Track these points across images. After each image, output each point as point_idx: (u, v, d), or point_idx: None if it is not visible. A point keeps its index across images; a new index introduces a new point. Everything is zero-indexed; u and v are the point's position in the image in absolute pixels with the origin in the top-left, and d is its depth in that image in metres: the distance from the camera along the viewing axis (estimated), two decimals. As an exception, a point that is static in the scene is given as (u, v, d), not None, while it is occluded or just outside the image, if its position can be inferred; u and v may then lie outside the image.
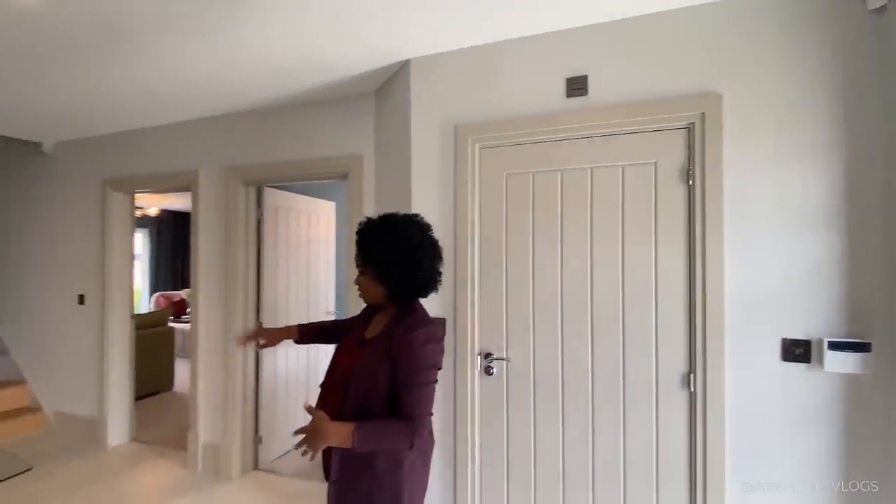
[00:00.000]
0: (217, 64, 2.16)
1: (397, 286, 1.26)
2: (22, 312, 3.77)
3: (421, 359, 1.21)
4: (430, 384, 1.23)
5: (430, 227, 1.32)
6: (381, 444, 1.17)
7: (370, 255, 1.27)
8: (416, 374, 1.20)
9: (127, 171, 3.27)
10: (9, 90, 2.48)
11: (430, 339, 1.24)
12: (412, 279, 1.25)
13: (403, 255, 1.24)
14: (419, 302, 1.33)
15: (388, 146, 2.36)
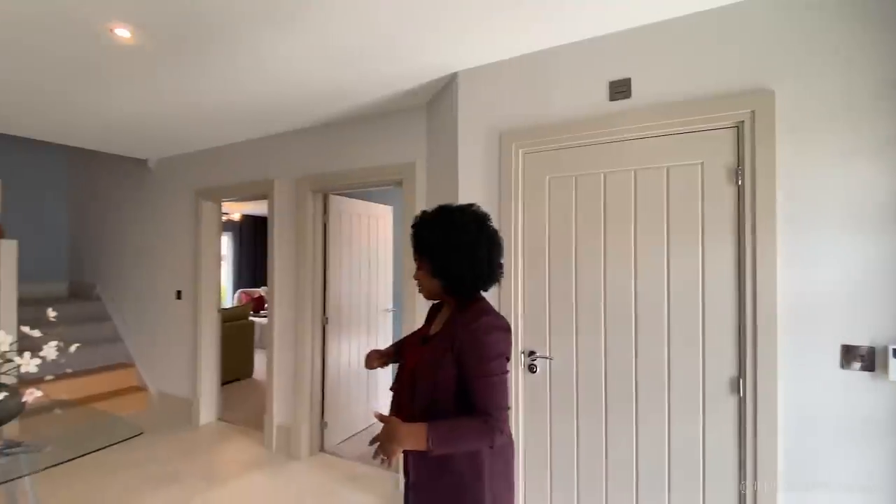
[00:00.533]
0: (289, 86, 2.43)
1: (453, 278, 1.20)
2: (132, 306, 4.41)
3: (487, 348, 1.13)
4: (500, 375, 1.14)
5: (487, 217, 1.25)
6: (458, 443, 1.10)
7: (425, 247, 1.23)
8: (483, 364, 1.12)
9: (214, 182, 3.72)
10: (126, 118, 2.95)
11: (495, 328, 1.16)
12: (468, 270, 1.18)
13: (458, 246, 1.18)
14: (481, 294, 1.26)
15: (438, 154, 2.50)
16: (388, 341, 3.79)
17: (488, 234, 1.23)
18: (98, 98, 2.60)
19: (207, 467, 3.00)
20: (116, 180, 4.57)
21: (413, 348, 1.32)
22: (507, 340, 1.19)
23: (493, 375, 1.12)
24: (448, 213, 1.24)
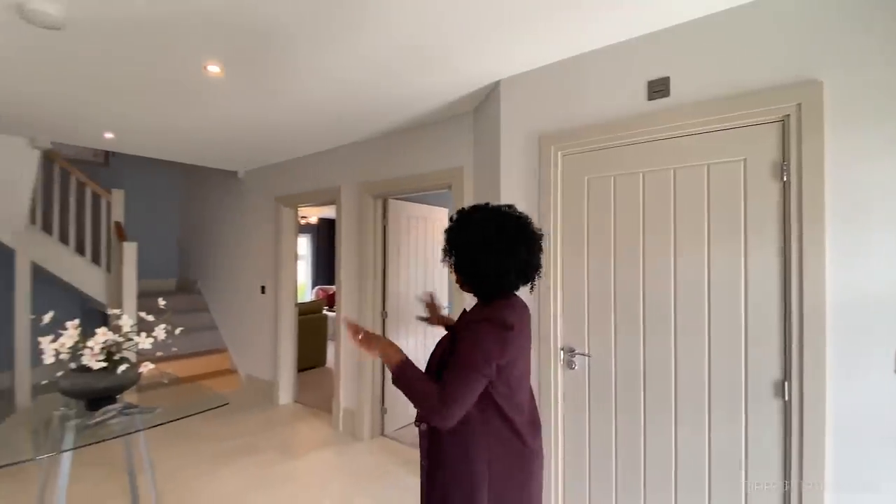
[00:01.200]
0: (350, 102, 2.70)
1: (471, 277, 1.23)
2: (225, 299, 5.06)
3: (468, 341, 1.17)
4: (468, 369, 1.14)
5: (513, 218, 1.24)
6: (411, 390, 1.17)
7: (451, 247, 1.27)
8: (460, 354, 1.16)
9: (291, 190, 4.17)
10: (219, 136, 3.45)
11: (483, 328, 1.17)
12: (485, 269, 1.20)
13: (475, 246, 1.20)
14: (509, 295, 1.26)
15: (483, 158, 2.63)
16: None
17: (512, 234, 1.21)
18: (197, 121, 3.08)
19: (284, 442, 3.40)
20: (213, 190, 5.27)
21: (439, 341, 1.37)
22: (500, 340, 1.16)
23: (467, 368, 1.14)
24: (468, 214, 1.27)
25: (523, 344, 1.25)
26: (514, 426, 1.22)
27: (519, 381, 1.24)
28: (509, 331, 1.16)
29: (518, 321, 1.20)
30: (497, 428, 1.20)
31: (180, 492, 2.63)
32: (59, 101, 2.69)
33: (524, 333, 1.26)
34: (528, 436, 1.24)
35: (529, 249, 1.23)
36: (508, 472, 1.21)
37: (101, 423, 1.83)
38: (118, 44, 1.97)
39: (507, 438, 1.21)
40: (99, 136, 3.45)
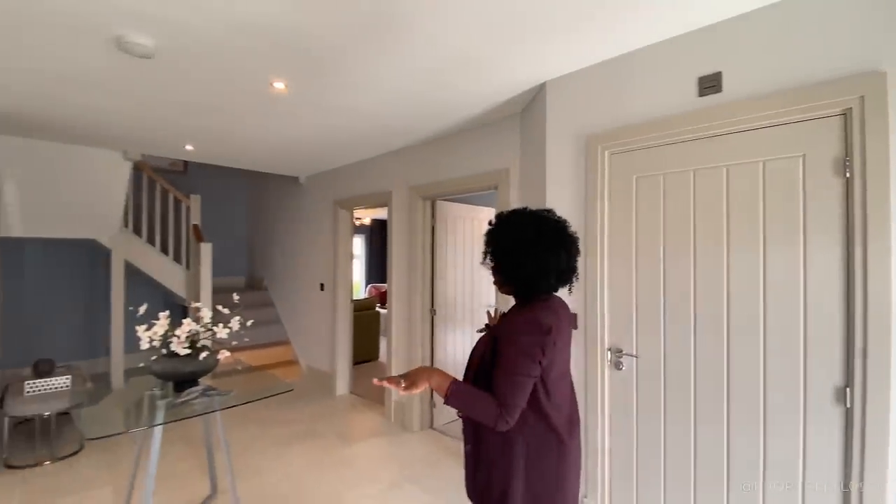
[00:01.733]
0: (400, 108, 2.83)
1: (509, 278, 1.28)
2: (288, 295, 5.43)
3: (511, 345, 1.20)
4: (518, 374, 1.18)
5: (551, 222, 1.27)
6: (468, 408, 1.21)
7: (490, 249, 1.31)
8: (505, 358, 1.20)
9: (347, 193, 4.41)
10: (283, 145, 3.73)
11: (524, 331, 1.20)
12: (523, 271, 1.24)
13: (512, 248, 1.25)
14: (548, 296, 1.29)
15: (529, 159, 2.66)
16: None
17: (549, 238, 1.24)
18: (263, 133, 3.36)
19: (341, 429, 3.62)
20: (277, 195, 5.67)
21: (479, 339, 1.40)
22: (541, 342, 1.19)
23: (512, 373, 1.18)
24: (506, 217, 1.31)
25: (561, 344, 1.28)
26: (551, 423, 1.26)
27: (556, 381, 1.28)
28: (547, 334, 1.20)
29: (555, 322, 1.23)
30: (533, 425, 1.24)
31: (250, 469, 2.90)
32: (148, 119, 3.05)
33: (562, 333, 1.28)
34: (564, 433, 1.28)
35: (567, 252, 1.26)
36: (544, 469, 1.25)
37: (185, 402, 2.09)
38: (198, 68, 2.22)
39: (544, 435, 1.25)
40: (180, 148, 3.86)
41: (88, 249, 4.91)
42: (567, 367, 1.36)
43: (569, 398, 1.36)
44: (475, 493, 1.33)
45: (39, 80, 2.38)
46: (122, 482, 2.72)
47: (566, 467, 1.28)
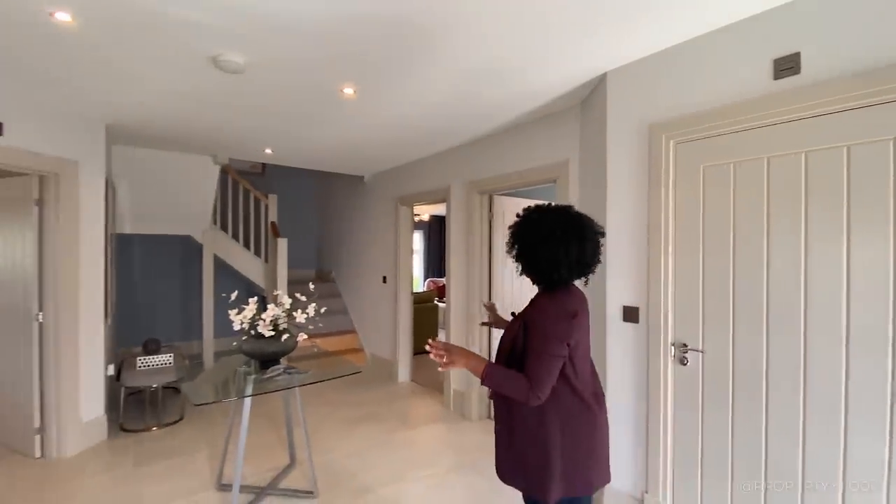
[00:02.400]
0: (459, 106, 2.93)
1: (532, 268, 1.39)
2: (353, 286, 5.76)
3: (540, 329, 1.31)
4: (547, 354, 1.29)
5: (565, 216, 1.37)
6: (502, 386, 1.33)
7: (514, 241, 1.43)
8: (535, 341, 1.31)
9: (408, 190, 4.59)
10: (348, 146, 3.98)
11: (552, 316, 1.32)
12: (538, 263, 1.36)
13: (530, 242, 1.37)
14: (568, 285, 1.40)
15: (589, 151, 2.65)
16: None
17: (568, 233, 1.34)
18: (333, 135, 3.61)
19: (402, 413, 3.82)
20: (344, 193, 6.02)
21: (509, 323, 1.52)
22: (568, 326, 1.31)
23: (545, 354, 1.30)
24: (527, 214, 1.42)
25: (584, 326, 1.41)
26: (583, 398, 1.39)
27: (583, 359, 1.41)
28: (574, 318, 1.33)
29: (580, 307, 1.37)
30: (567, 400, 1.37)
31: (322, 445, 3.16)
32: (235, 127, 3.40)
33: (584, 317, 1.41)
34: (594, 405, 1.41)
35: (580, 245, 1.35)
36: (578, 438, 1.37)
37: (270, 378, 2.35)
38: (279, 80, 2.46)
39: (577, 408, 1.38)
40: (261, 152, 4.24)
41: (184, 244, 5.53)
42: (588, 347, 1.47)
43: (591, 374, 1.48)
44: (509, 468, 1.45)
45: (147, 98, 2.75)
46: (217, 448, 3.08)
47: (598, 436, 1.41)
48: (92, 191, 3.15)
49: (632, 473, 2.22)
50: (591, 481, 1.39)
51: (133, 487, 2.62)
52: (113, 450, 3.09)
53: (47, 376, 2.95)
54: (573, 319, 1.32)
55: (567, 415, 1.36)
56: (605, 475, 1.44)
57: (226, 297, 2.63)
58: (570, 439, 1.36)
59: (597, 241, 1.40)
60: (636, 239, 2.21)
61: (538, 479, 1.36)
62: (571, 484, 1.36)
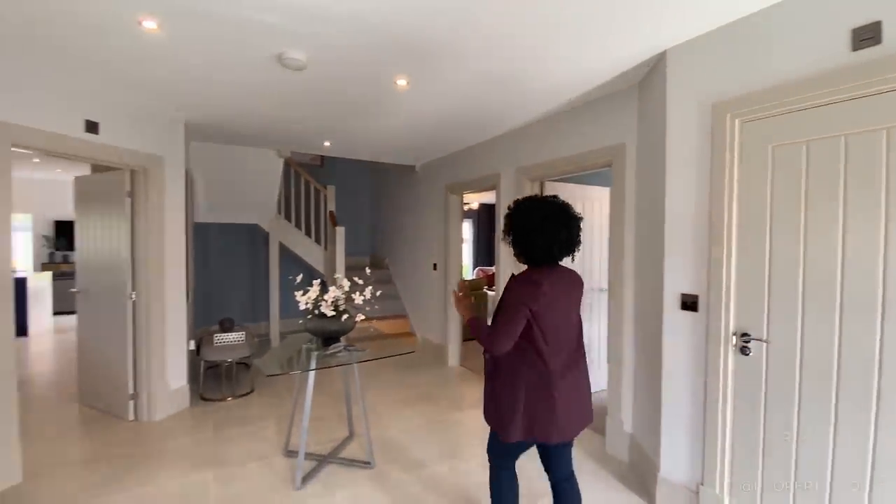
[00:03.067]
0: (509, 92, 2.93)
1: (523, 250, 1.66)
2: (405, 273, 5.94)
3: (508, 291, 1.62)
4: (506, 310, 1.58)
5: (553, 207, 1.63)
6: (477, 333, 1.66)
7: (510, 227, 1.68)
8: (502, 300, 1.63)
9: (458, 179, 4.65)
10: (400, 136, 4.09)
11: (519, 283, 1.61)
12: (527, 247, 1.63)
13: (523, 229, 1.63)
14: (553, 265, 1.66)
15: (647, 133, 2.56)
16: (602, 321, 3.96)
17: (551, 224, 1.59)
18: (387, 126, 3.73)
19: (453, 396, 3.93)
20: (396, 182, 6.19)
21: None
22: (530, 292, 1.56)
23: (506, 310, 1.59)
24: (518, 206, 1.69)
25: (554, 300, 1.60)
26: (547, 365, 1.60)
27: (554, 330, 1.61)
28: (538, 286, 1.57)
29: (548, 281, 1.59)
30: (534, 363, 1.61)
31: (377, 422, 3.34)
32: (297, 121, 3.61)
33: (557, 292, 1.62)
34: (557, 372, 1.62)
35: (568, 230, 1.61)
36: (538, 396, 1.61)
37: (331, 355, 2.52)
38: (338, 74, 2.58)
39: (539, 372, 1.61)
40: (320, 145, 4.47)
41: (252, 233, 5.96)
42: (568, 321, 1.69)
43: (571, 347, 1.70)
44: (488, 409, 1.75)
45: (219, 96, 3.00)
46: (284, 419, 3.36)
47: (559, 398, 1.61)
48: (174, 183, 3.49)
49: (687, 464, 2.18)
50: (549, 434, 1.61)
51: (213, 449, 2.93)
52: (195, 416, 3.46)
53: (139, 349, 3.34)
54: (536, 287, 1.56)
55: (532, 375, 1.61)
56: (566, 433, 1.64)
57: (292, 279, 2.84)
58: (532, 395, 1.61)
59: (578, 226, 1.66)
60: (697, 224, 2.13)
61: (504, 421, 1.66)
62: (529, 431, 1.62)
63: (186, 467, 2.68)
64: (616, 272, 2.87)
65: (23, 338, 5.81)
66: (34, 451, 2.78)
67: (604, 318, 3.97)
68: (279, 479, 2.56)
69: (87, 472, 2.61)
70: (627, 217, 2.79)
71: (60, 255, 8.58)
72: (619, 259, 2.84)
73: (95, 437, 3.07)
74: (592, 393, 1.79)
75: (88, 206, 3.59)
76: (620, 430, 2.81)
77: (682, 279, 2.20)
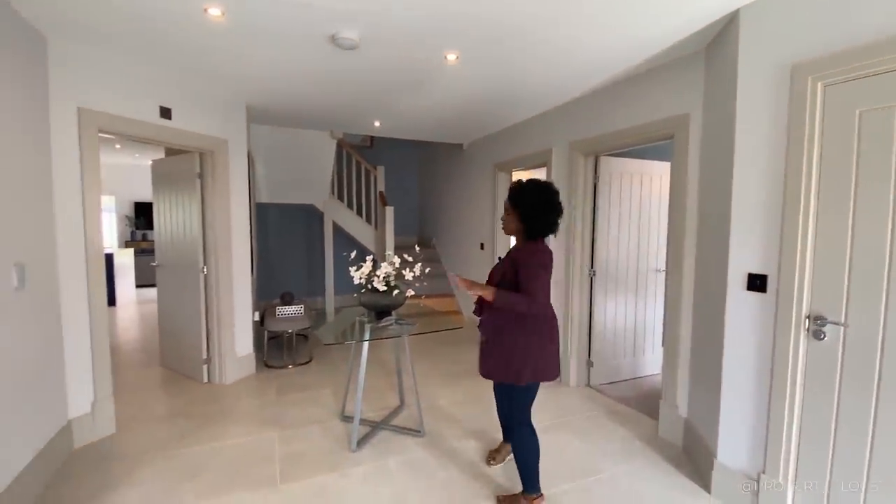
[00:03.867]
0: (572, 63, 2.82)
1: (529, 227, 1.98)
2: (452, 252, 5.99)
3: (533, 262, 1.91)
4: (539, 278, 1.89)
5: (553, 192, 1.99)
6: (509, 301, 1.89)
7: (519, 203, 1.99)
8: (531, 270, 1.89)
9: (507, 156, 4.58)
10: (447, 113, 4.07)
11: (539, 253, 1.94)
12: (538, 224, 1.97)
13: (532, 208, 1.95)
14: (542, 239, 2.00)
15: (715, 101, 2.38)
16: (658, 303, 3.81)
17: (556, 206, 1.98)
18: (436, 104, 3.73)
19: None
20: (444, 162, 6.20)
21: (495, 266, 2.14)
22: (548, 260, 1.95)
23: (538, 277, 1.90)
24: (537, 186, 1.99)
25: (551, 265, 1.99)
26: (547, 314, 2.02)
27: (546, 287, 1.96)
28: (550, 256, 1.97)
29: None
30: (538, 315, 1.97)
31: (427, 393, 3.45)
32: (348, 102, 3.69)
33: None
34: (552, 320, 2.05)
35: (559, 213, 2.00)
36: (543, 340, 2.00)
37: (384, 327, 2.62)
38: (389, 52, 2.60)
39: (543, 320, 2.00)
40: (370, 125, 4.55)
41: (308, 212, 6.23)
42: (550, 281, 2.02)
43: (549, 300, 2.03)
44: (494, 367, 2.05)
45: (277, 79, 3.12)
46: (340, 386, 3.56)
47: (556, 340, 2.06)
48: (238, 165, 3.71)
49: (747, 451, 2.08)
50: (548, 374, 2.01)
51: (277, 410, 3.17)
52: (260, 380, 3.74)
53: (211, 318, 3.63)
54: (550, 256, 1.97)
55: (540, 325, 1.99)
56: (555, 372, 2.05)
57: (346, 255, 2.97)
58: (538, 340, 1.98)
59: (562, 208, 2.02)
60: (769, 199, 1.98)
61: (516, 370, 1.97)
62: (536, 373, 1.98)
63: (254, 426, 2.92)
64: (676, 251, 2.74)
65: (112, 307, 6.49)
66: (125, 407, 3.14)
67: (659, 301, 3.82)
68: (336, 441, 2.73)
69: (169, 426, 2.92)
70: (690, 192, 2.63)
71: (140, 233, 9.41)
72: (679, 237, 2.71)
73: (175, 396, 3.41)
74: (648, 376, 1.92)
75: (164, 187, 3.90)
76: (675, 415, 2.73)
77: (749, 258, 2.07)
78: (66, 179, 2.50)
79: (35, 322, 2.24)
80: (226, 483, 2.30)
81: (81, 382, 2.63)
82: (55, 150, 2.45)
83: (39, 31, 2.33)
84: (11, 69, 2.08)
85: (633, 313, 3.79)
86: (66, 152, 2.49)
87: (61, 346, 2.51)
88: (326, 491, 2.25)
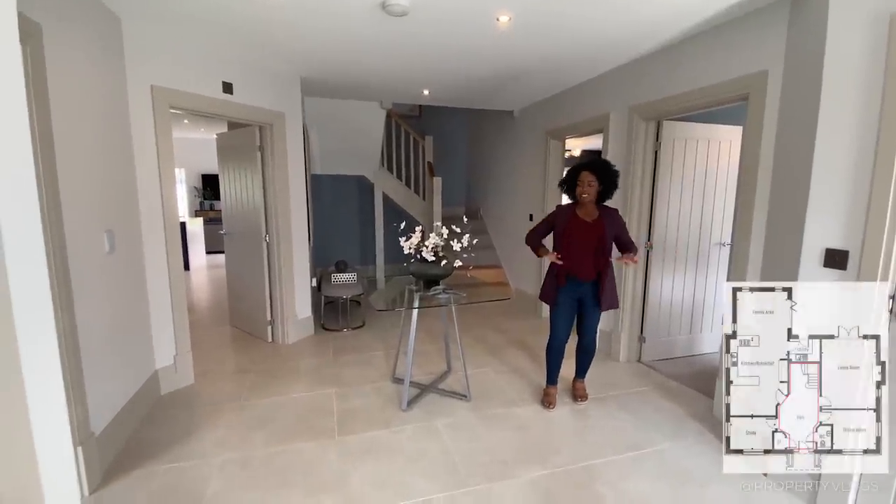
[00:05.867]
0: (633, 19, 2.63)
1: (605, 195, 2.63)
2: (499, 223, 5.93)
3: (620, 220, 2.71)
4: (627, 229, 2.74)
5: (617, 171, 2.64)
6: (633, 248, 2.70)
7: (604, 176, 2.57)
8: (625, 226, 2.73)
9: (560, 123, 4.39)
10: (497, 79, 3.95)
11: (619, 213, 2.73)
12: (612, 193, 2.64)
13: (615, 181, 2.61)
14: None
15: (798, 57, 2.14)
16: (720, 279, 3.60)
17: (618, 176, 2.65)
18: (485, 69, 3.61)
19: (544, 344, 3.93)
20: (493, 130, 6.05)
21: (586, 227, 2.64)
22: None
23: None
24: (609, 163, 2.67)
25: None
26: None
27: None
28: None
29: None
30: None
31: (473, 361, 3.54)
32: (398, 71, 3.66)
33: None
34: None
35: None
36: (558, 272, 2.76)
37: (432, 296, 2.69)
38: (439, 16, 2.54)
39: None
40: (419, 94, 4.52)
41: (360, 183, 6.39)
42: None
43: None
44: (613, 300, 2.74)
45: (329, 50, 3.15)
46: (391, 350, 3.72)
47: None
48: (294, 137, 3.84)
49: (812, 435, 1.97)
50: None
51: (334, 370, 3.39)
52: (318, 342, 4.00)
53: (274, 283, 3.89)
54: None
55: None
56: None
57: (396, 226, 3.03)
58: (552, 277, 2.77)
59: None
60: (856, 167, 1.78)
61: (617, 298, 2.82)
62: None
63: (313, 383, 3.15)
64: (744, 223, 2.55)
65: (186, 272, 7.09)
66: (200, 361, 3.48)
67: (721, 277, 3.60)
68: (388, 400, 2.89)
69: (239, 379, 3.21)
70: (763, 158, 2.42)
71: (208, 203, 10.09)
72: (748, 208, 2.51)
73: (243, 353, 3.73)
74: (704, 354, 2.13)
75: (228, 159, 4.14)
76: (732, 393, 2.62)
77: (828, 232, 1.89)
78: (145, 153, 2.72)
79: (124, 283, 2.52)
80: (290, 433, 2.52)
81: (165, 337, 2.94)
82: (134, 126, 2.66)
83: (114, 12, 2.49)
84: (95, 50, 2.26)
85: (691, 289, 3.61)
86: (143, 127, 2.70)
87: (147, 305, 2.81)
88: (379, 444, 2.41)
